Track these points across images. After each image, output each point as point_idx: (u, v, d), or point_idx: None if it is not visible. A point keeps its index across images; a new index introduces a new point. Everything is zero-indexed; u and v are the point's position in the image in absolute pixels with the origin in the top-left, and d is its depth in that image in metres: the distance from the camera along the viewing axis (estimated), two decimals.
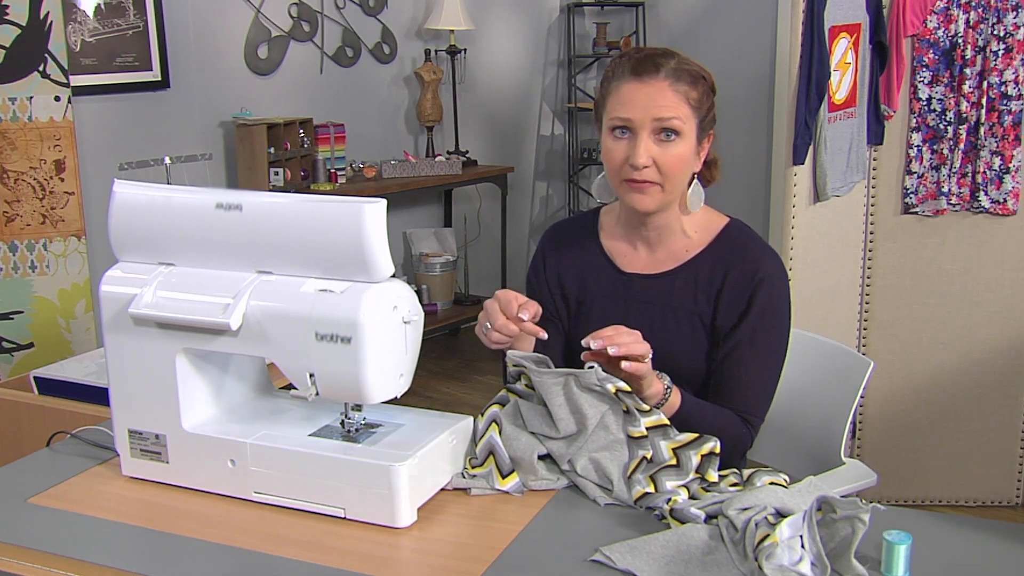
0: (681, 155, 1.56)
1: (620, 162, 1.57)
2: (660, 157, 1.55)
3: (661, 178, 1.56)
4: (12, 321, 3.20)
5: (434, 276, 4.73)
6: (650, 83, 1.54)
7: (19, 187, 3.17)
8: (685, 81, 1.55)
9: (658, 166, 1.55)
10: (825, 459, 1.84)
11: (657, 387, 1.48)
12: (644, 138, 1.54)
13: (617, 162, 1.58)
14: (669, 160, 1.55)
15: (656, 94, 1.54)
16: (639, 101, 1.54)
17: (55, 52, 3.18)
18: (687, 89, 1.55)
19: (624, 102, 1.55)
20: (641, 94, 1.54)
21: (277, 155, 3.98)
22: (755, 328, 1.60)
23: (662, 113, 1.53)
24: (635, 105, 1.54)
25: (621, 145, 1.57)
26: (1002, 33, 2.82)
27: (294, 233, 1.35)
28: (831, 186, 2.80)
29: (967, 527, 1.32)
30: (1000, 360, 3.04)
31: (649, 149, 1.54)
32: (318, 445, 1.39)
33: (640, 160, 1.54)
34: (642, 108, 1.54)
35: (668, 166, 1.55)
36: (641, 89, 1.54)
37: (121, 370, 1.47)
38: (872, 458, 3.09)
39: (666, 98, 1.54)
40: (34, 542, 1.31)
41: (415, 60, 4.85)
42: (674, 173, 1.56)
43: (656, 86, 1.54)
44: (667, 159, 1.55)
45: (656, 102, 1.53)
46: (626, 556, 1.22)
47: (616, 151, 1.57)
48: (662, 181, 1.56)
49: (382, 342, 1.33)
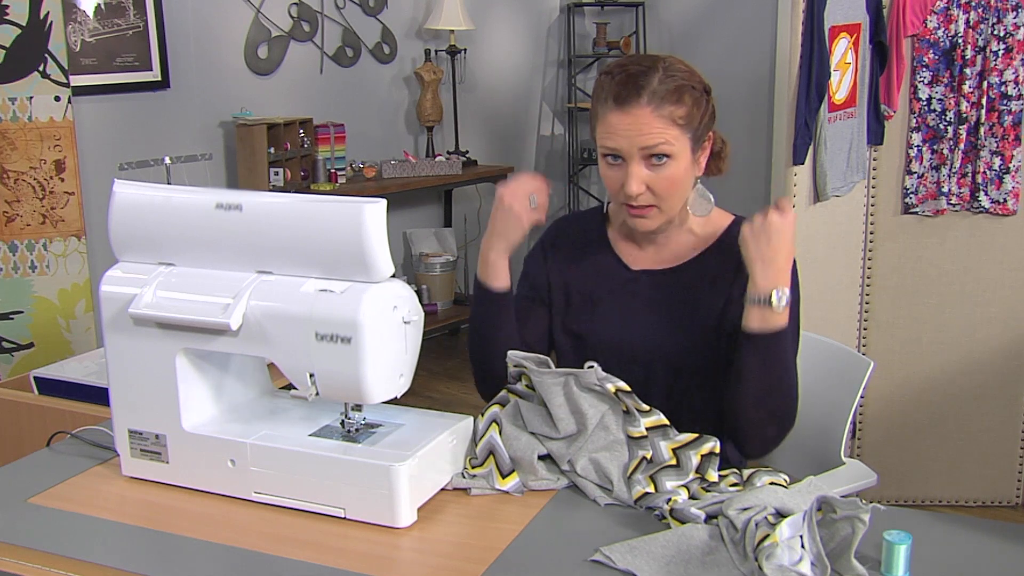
0: (674, 176, 1.56)
1: (616, 188, 1.59)
2: (653, 181, 1.55)
3: (657, 200, 1.57)
4: (12, 321, 3.20)
5: (434, 276, 4.73)
6: (631, 112, 1.52)
7: (19, 187, 3.17)
8: (669, 101, 1.53)
9: (653, 190, 1.56)
10: (825, 459, 1.84)
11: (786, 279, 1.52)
12: (635, 166, 1.54)
13: (614, 188, 1.59)
14: (662, 183, 1.55)
15: (640, 123, 1.52)
16: (624, 132, 1.53)
17: (55, 52, 3.18)
18: (672, 109, 1.53)
19: (610, 133, 1.55)
20: (624, 124, 1.53)
21: (277, 155, 3.98)
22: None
23: (647, 142, 1.53)
24: (621, 136, 1.54)
25: (615, 172, 1.58)
26: (1002, 33, 2.82)
27: (294, 233, 1.35)
28: (831, 186, 2.80)
29: (967, 527, 1.32)
30: (1000, 360, 3.04)
31: (641, 176, 1.54)
32: (318, 445, 1.39)
33: (633, 190, 1.54)
34: (627, 138, 1.53)
35: (662, 189, 1.56)
36: (624, 120, 1.53)
37: (121, 370, 1.47)
38: (872, 458, 3.09)
39: (651, 126, 1.52)
40: (34, 542, 1.31)
41: (415, 60, 4.85)
42: (669, 194, 1.57)
43: (638, 115, 1.52)
44: (660, 182, 1.55)
45: (641, 132, 1.52)
46: (626, 556, 1.22)
47: (611, 177, 1.59)
48: (658, 203, 1.57)
49: (382, 342, 1.33)
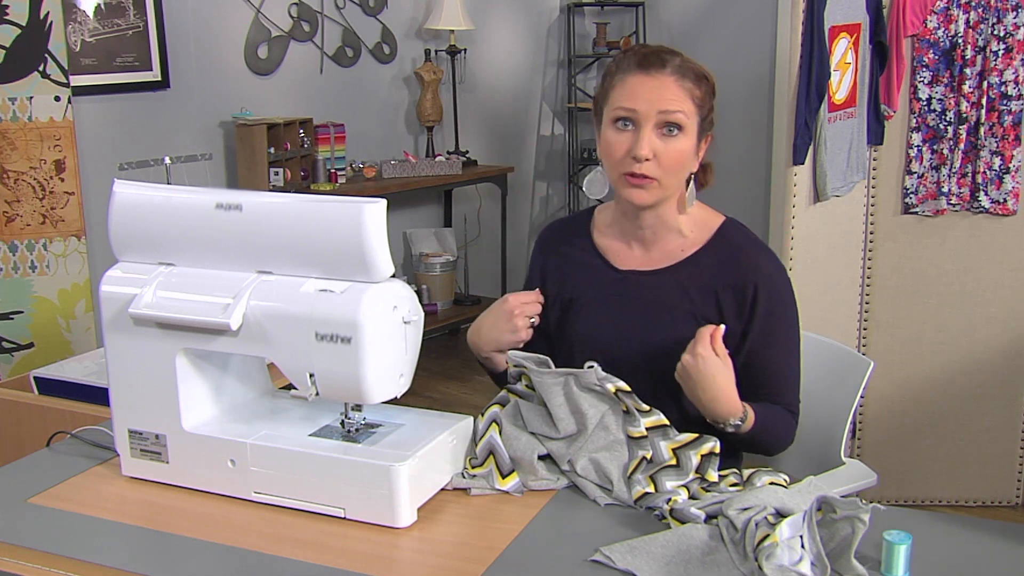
0: (682, 151, 1.56)
1: (621, 155, 1.56)
2: (662, 151, 1.55)
3: (660, 173, 1.56)
4: (12, 321, 3.20)
5: (434, 276, 4.73)
6: (656, 76, 1.55)
7: (19, 187, 3.17)
8: (690, 78, 1.56)
9: (659, 160, 1.55)
10: (825, 459, 1.84)
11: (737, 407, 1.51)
12: (648, 130, 1.54)
13: (618, 155, 1.57)
14: (670, 155, 1.55)
15: (662, 87, 1.54)
16: (645, 93, 1.54)
17: (55, 52, 3.18)
18: (692, 86, 1.56)
19: (629, 94, 1.55)
20: (647, 87, 1.55)
21: (277, 155, 3.98)
22: (768, 329, 1.61)
23: (668, 106, 1.54)
24: (640, 97, 1.54)
25: (623, 137, 1.56)
26: (1002, 33, 2.82)
27: (294, 233, 1.35)
28: (831, 186, 2.80)
29: (967, 527, 1.32)
30: (1000, 360, 3.04)
31: (652, 142, 1.54)
32: (318, 445, 1.39)
33: (643, 152, 1.53)
34: (647, 100, 1.54)
35: (669, 161, 1.55)
36: (647, 82, 1.55)
37: (121, 370, 1.47)
38: (872, 458, 3.08)
39: (672, 91, 1.54)
40: (34, 542, 1.31)
41: (415, 60, 4.85)
42: (674, 169, 1.57)
43: (662, 79, 1.55)
44: (669, 153, 1.55)
45: (662, 95, 1.54)
46: (626, 556, 1.22)
47: (618, 143, 1.57)
48: (661, 176, 1.56)
49: (382, 342, 1.33)
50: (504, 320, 1.61)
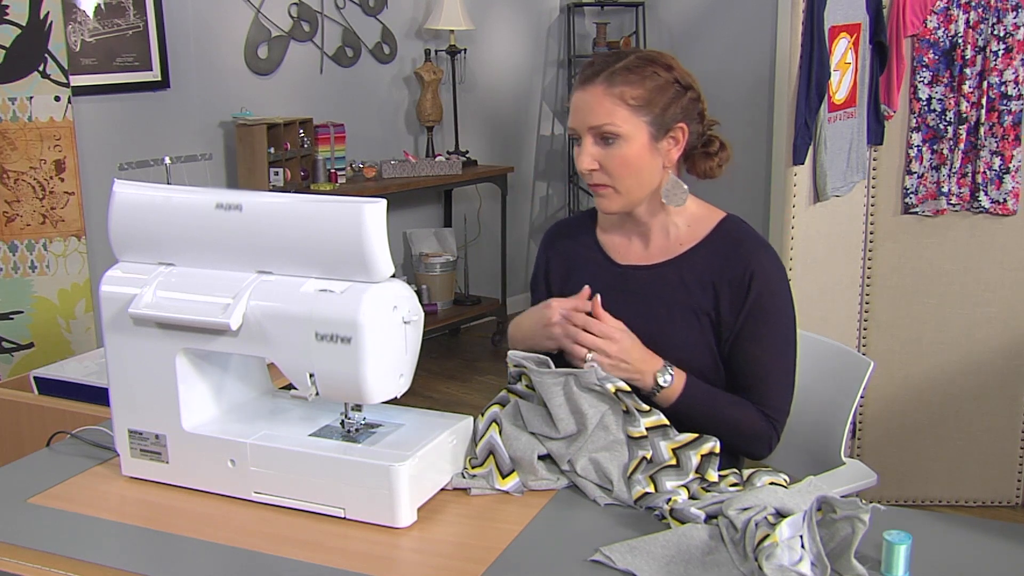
0: (624, 156, 1.57)
1: (580, 169, 1.62)
2: (604, 160, 1.59)
3: (611, 180, 1.59)
4: (12, 321, 3.20)
5: (434, 276, 4.73)
6: (588, 90, 1.59)
7: (19, 187, 3.18)
8: (624, 82, 1.56)
9: (605, 168, 1.59)
10: (825, 459, 1.84)
11: (649, 378, 1.53)
12: (586, 144, 1.59)
13: (579, 169, 1.63)
14: (612, 162, 1.58)
15: (590, 101, 1.58)
16: (577, 110, 1.60)
17: (55, 52, 3.18)
18: (624, 89, 1.56)
19: (572, 111, 1.62)
20: (581, 102, 1.60)
21: (277, 155, 3.98)
22: (755, 322, 1.60)
23: (593, 121, 1.57)
24: (575, 114, 1.60)
25: (577, 152, 1.62)
26: (1002, 33, 2.82)
27: (294, 233, 1.35)
28: (831, 186, 2.80)
29: (967, 527, 1.32)
30: (1000, 360, 3.04)
31: (591, 153, 1.59)
32: (318, 445, 1.39)
33: (582, 166, 1.60)
34: (578, 117, 1.59)
35: (612, 168, 1.58)
36: (582, 97, 1.60)
37: (121, 370, 1.47)
38: (872, 458, 3.09)
39: (600, 104, 1.57)
40: (34, 542, 1.31)
41: (415, 60, 4.85)
42: (621, 175, 1.59)
43: (592, 92, 1.58)
44: (610, 161, 1.58)
45: (592, 109, 1.57)
46: (626, 556, 1.22)
47: (576, 159, 1.63)
48: (612, 182, 1.60)
49: (382, 342, 1.33)
50: (541, 326, 1.61)
